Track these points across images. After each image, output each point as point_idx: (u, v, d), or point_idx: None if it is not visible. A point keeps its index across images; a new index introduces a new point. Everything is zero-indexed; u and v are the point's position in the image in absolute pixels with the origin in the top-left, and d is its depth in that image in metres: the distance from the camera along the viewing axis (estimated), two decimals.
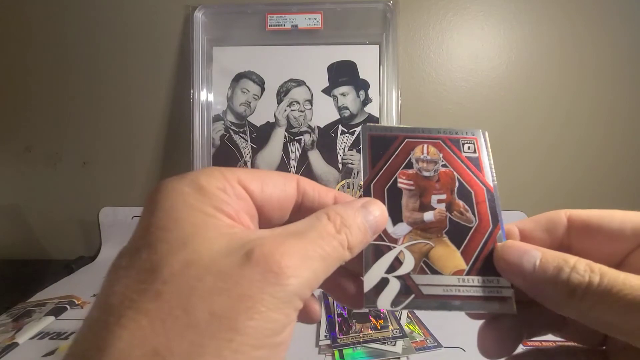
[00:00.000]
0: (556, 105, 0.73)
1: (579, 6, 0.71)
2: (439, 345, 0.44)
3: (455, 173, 0.22)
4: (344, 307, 0.51)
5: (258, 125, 0.69)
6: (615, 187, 0.75)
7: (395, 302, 0.19)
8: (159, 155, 0.76)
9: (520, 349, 0.21)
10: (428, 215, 0.21)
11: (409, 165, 0.22)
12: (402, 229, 0.21)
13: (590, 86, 0.73)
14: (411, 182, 0.22)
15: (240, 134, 0.69)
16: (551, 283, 0.18)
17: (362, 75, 0.69)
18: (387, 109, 0.68)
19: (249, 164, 0.69)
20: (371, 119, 0.68)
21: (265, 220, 0.19)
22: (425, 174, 0.22)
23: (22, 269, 0.74)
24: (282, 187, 0.19)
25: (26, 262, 0.76)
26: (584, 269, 0.17)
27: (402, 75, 0.71)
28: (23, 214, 0.78)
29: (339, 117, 0.69)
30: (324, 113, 0.69)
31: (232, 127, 0.69)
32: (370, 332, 0.45)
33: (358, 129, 0.68)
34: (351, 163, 0.68)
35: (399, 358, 0.42)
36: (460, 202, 0.22)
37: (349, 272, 0.22)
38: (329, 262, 0.16)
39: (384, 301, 0.19)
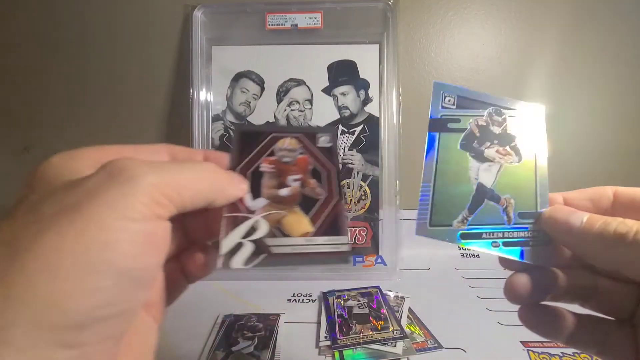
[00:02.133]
0: (557, 104, 0.73)
1: (580, 6, 0.71)
2: (439, 347, 0.44)
3: (310, 158, 0.27)
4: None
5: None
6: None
7: (248, 261, 0.22)
8: None
9: None
10: (284, 191, 0.25)
11: (273, 154, 0.27)
12: (260, 202, 0.25)
13: (591, 86, 0.73)
14: (272, 166, 0.26)
15: None
16: (598, 235, 0.19)
17: (362, 74, 0.68)
18: (388, 109, 0.67)
19: None
20: (371, 118, 0.68)
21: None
22: (285, 159, 0.26)
23: None
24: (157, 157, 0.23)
25: None
26: (632, 222, 0.19)
27: (403, 75, 0.70)
28: None
29: (339, 116, 0.69)
30: (324, 113, 0.68)
31: (231, 127, 0.69)
32: (370, 333, 0.45)
33: (358, 129, 0.68)
34: (351, 163, 0.68)
35: (399, 359, 0.41)
36: (312, 180, 0.26)
37: (198, 245, 0.24)
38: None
39: (238, 261, 0.22)
